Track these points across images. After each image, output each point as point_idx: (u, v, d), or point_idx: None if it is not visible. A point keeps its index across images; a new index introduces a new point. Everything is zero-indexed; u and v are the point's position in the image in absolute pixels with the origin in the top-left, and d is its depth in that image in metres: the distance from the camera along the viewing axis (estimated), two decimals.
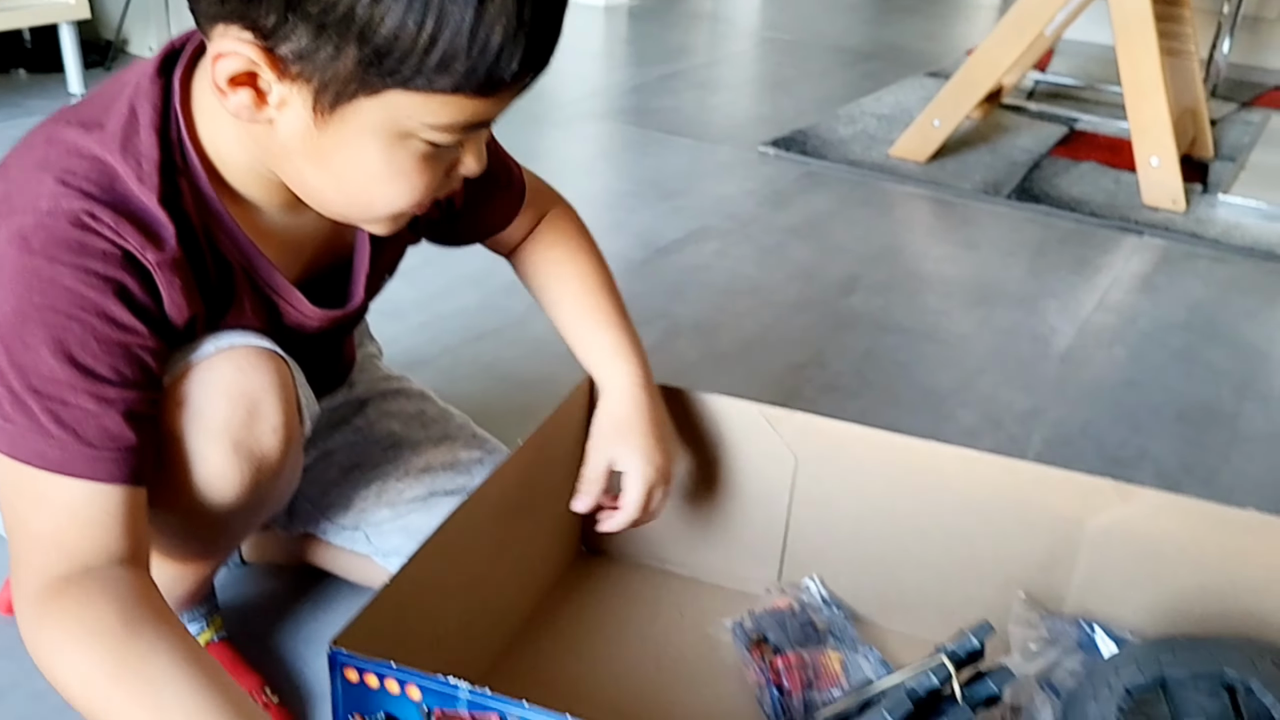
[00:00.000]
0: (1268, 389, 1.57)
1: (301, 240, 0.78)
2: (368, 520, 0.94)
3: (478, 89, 0.63)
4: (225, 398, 0.72)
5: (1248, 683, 0.79)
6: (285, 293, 0.77)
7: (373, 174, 0.67)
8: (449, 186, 0.72)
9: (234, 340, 0.74)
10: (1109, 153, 2.51)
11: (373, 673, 0.68)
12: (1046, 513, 0.97)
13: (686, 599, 1.06)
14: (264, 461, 0.75)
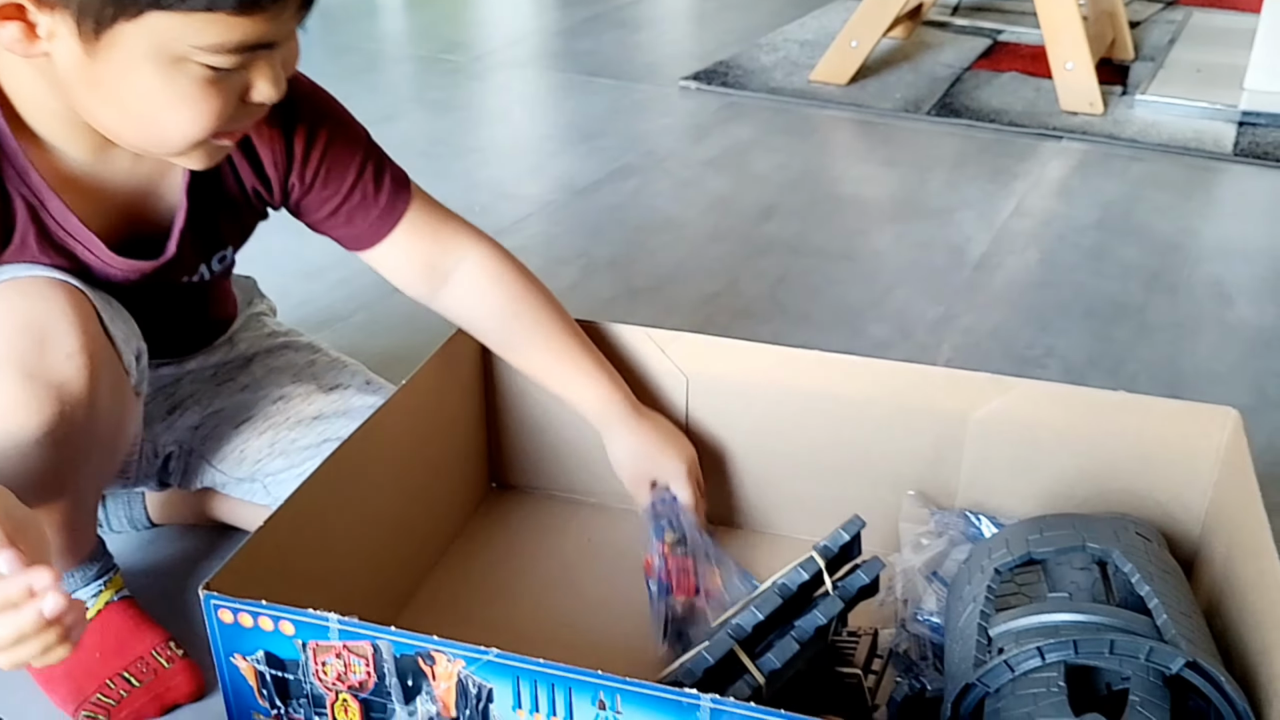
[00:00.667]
0: (1176, 280, 1.60)
1: (112, 190, 0.79)
2: (263, 471, 0.96)
3: (236, 7, 0.63)
4: (10, 327, 0.72)
5: (1110, 553, 0.82)
6: (82, 237, 0.78)
7: (155, 101, 0.68)
8: (249, 115, 0.73)
9: (20, 272, 0.75)
10: (1030, 62, 2.52)
11: (245, 612, 0.70)
12: (930, 411, 0.99)
13: (594, 525, 1.08)
14: (63, 389, 0.74)
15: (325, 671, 0.71)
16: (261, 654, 0.72)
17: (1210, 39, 2.70)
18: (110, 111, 0.70)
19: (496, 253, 0.98)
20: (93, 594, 0.90)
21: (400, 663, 0.69)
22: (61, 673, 0.88)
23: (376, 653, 0.69)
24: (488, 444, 1.11)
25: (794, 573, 0.80)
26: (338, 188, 0.89)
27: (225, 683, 0.73)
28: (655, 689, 0.65)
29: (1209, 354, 1.41)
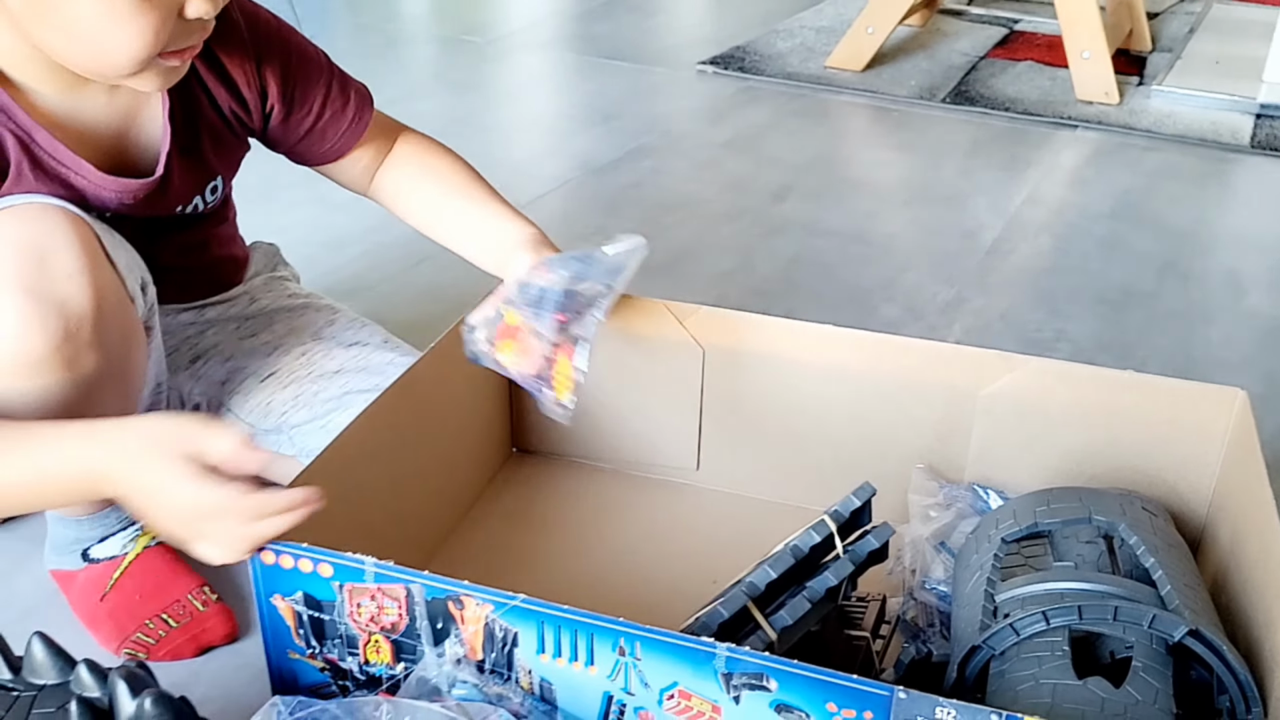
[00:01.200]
0: (1188, 268, 1.61)
1: (94, 124, 0.83)
2: (288, 423, 0.99)
3: None
4: (10, 249, 0.74)
5: (1116, 525, 0.84)
6: (71, 163, 0.81)
7: (95, 21, 0.72)
8: (191, 32, 0.76)
9: (18, 200, 0.78)
10: (1046, 51, 2.53)
11: (287, 554, 0.73)
12: (940, 386, 1.02)
13: (612, 490, 1.11)
14: (66, 306, 0.75)
15: (359, 613, 0.73)
16: (300, 595, 0.74)
17: (1230, 31, 2.70)
18: (58, 37, 0.75)
19: (421, 137, 1.05)
20: (130, 537, 0.93)
21: (431, 606, 0.71)
22: (105, 613, 0.92)
23: (409, 596, 0.72)
24: (510, 409, 1.14)
25: (806, 535, 0.82)
26: (310, 105, 0.96)
27: (264, 622, 0.76)
28: (673, 636, 0.68)
29: (1220, 342, 1.42)
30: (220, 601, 0.94)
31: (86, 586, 0.93)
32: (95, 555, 0.93)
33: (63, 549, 0.94)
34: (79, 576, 0.93)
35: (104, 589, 0.92)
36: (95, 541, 0.93)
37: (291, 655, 0.77)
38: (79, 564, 0.93)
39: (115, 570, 0.93)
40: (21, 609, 0.95)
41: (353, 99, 0.99)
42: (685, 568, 1.00)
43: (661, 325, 1.06)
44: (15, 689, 0.70)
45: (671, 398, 1.08)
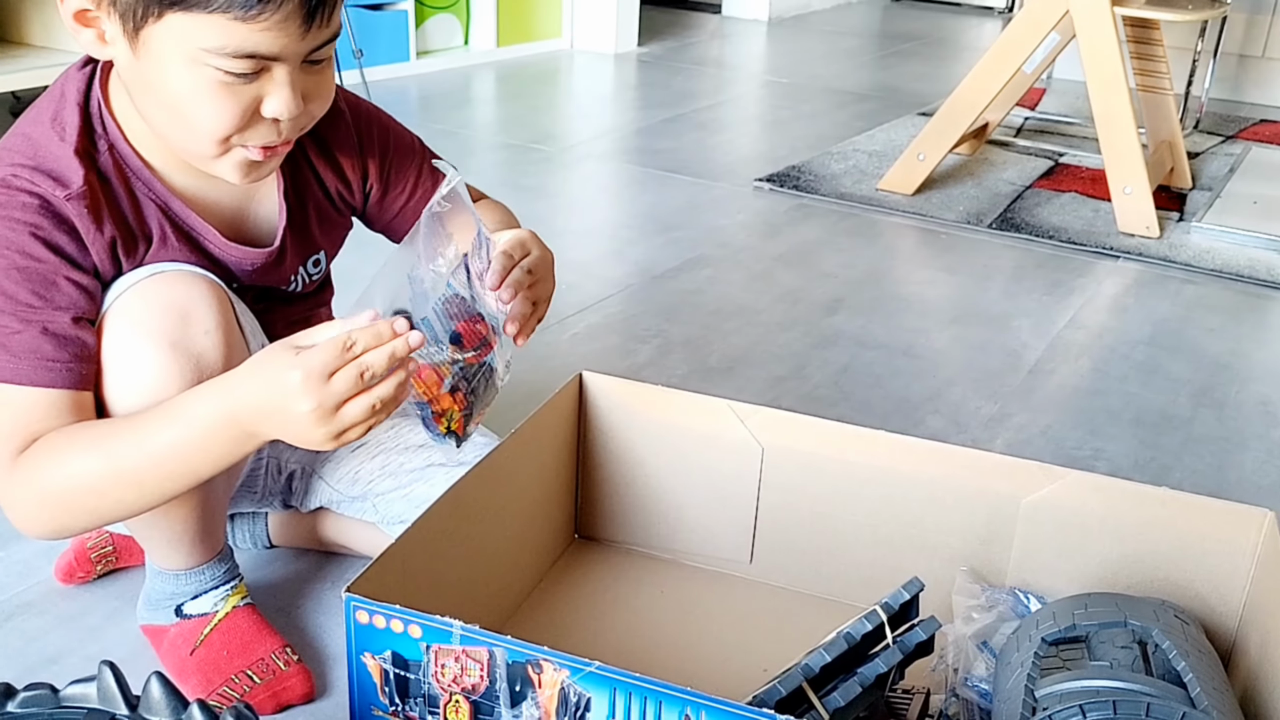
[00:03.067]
0: (1223, 397, 1.67)
1: (217, 202, 0.94)
2: (374, 491, 1.07)
3: (237, 11, 0.76)
4: (159, 307, 0.86)
5: (1150, 630, 0.90)
6: (201, 230, 0.92)
7: (181, 97, 0.81)
8: (269, 129, 0.85)
9: (167, 267, 0.89)
10: (1089, 184, 2.63)
11: (380, 614, 0.80)
12: (985, 493, 1.08)
13: (668, 579, 1.17)
14: (202, 360, 0.86)
15: (443, 673, 0.80)
16: (389, 654, 0.81)
17: (1267, 173, 2.80)
18: (154, 109, 0.85)
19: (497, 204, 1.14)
20: (222, 596, 1.00)
21: (511, 669, 0.78)
22: (194, 666, 0.98)
23: (491, 658, 0.78)
24: (576, 497, 1.21)
25: (859, 623, 0.88)
26: (404, 184, 1.05)
27: (353, 678, 0.83)
28: (737, 708, 0.74)
29: (1253, 468, 1.48)
30: (301, 662, 1.00)
31: (178, 640, 1.00)
32: (189, 611, 1.00)
33: (157, 604, 1.01)
34: (171, 630, 1.00)
35: (194, 643, 0.99)
36: (190, 598, 1.00)
37: (375, 712, 0.83)
38: (172, 619, 1.00)
39: (206, 626, 1.00)
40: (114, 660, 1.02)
41: (425, 179, 1.07)
42: (736, 657, 1.06)
43: (724, 423, 1.14)
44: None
45: (729, 493, 1.15)
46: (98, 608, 1.08)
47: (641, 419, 1.16)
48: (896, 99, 3.49)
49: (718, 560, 1.18)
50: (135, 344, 0.85)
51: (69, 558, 1.10)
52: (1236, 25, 3.55)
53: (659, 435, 1.16)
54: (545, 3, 3.86)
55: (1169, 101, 2.66)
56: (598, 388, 1.16)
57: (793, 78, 3.79)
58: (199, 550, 0.98)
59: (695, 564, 1.19)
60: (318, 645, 1.06)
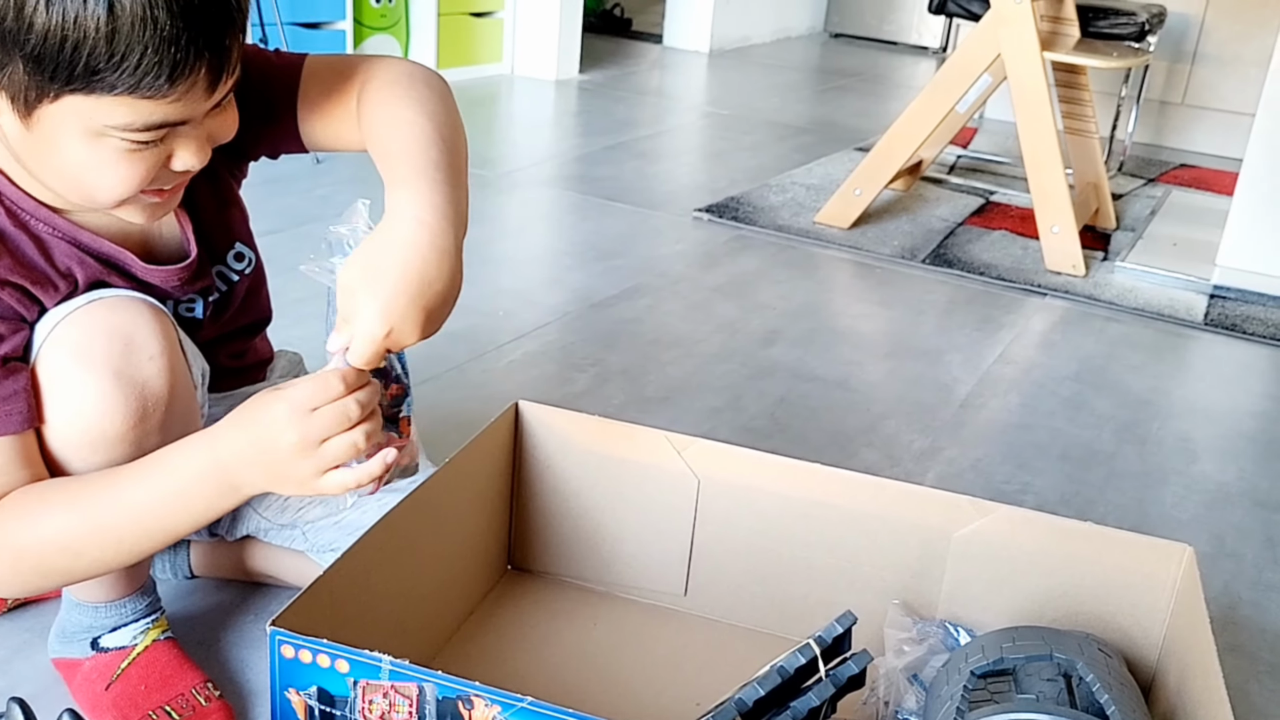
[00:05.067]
0: (1145, 433, 1.72)
1: (120, 228, 0.89)
2: (304, 519, 1.05)
3: (137, 91, 0.72)
4: (100, 333, 0.82)
5: (1074, 663, 0.92)
6: (119, 256, 0.88)
7: (84, 168, 0.78)
8: (175, 178, 0.82)
9: (106, 292, 0.86)
10: (1019, 222, 2.70)
11: (306, 649, 0.79)
12: (916, 527, 1.09)
13: (602, 611, 1.17)
14: (147, 388, 0.83)
15: (371, 710, 0.79)
16: (314, 689, 0.80)
17: (1187, 216, 2.89)
18: (51, 176, 0.81)
19: (401, 64, 0.92)
20: (142, 630, 0.98)
21: (441, 705, 0.77)
22: (109, 701, 0.95)
23: (421, 694, 0.77)
24: (510, 528, 1.20)
25: (792, 657, 0.88)
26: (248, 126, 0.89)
27: (275, 716, 0.81)
28: None
29: (1173, 503, 1.52)
30: (222, 698, 0.98)
31: (92, 674, 0.97)
32: (105, 644, 0.97)
33: (71, 637, 0.98)
34: (85, 665, 0.97)
35: (110, 678, 0.96)
36: (107, 630, 0.97)
37: None
38: (87, 652, 0.97)
39: (124, 660, 0.97)
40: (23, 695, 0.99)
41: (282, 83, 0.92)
42: (670, 690, 1.06)
43: (660, 455, 1.14)
44: None
45: (665, 525, 1.15)
46: (5, 641, 1.05)
47: (578, 449, 1.15)
48: (834, 133, 3.55)
49: (652, 592, 1.18)
50: (76, 374, 0.82)
51: None
52: (1158, 73, 3.68)
53: (595, 466, 1.16)
54: (486, 27, 3.87)
55: (1095, 144, 2.74)
56: (534, 417, 1.16)
57: (733, 109, 3.84)
58: (121, 584, 0.96)
59: (630, 596, 1.19)
60: (240, 680, 1.03)
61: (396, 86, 0.88)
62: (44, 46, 0.71)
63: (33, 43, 0.71)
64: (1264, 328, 2.19)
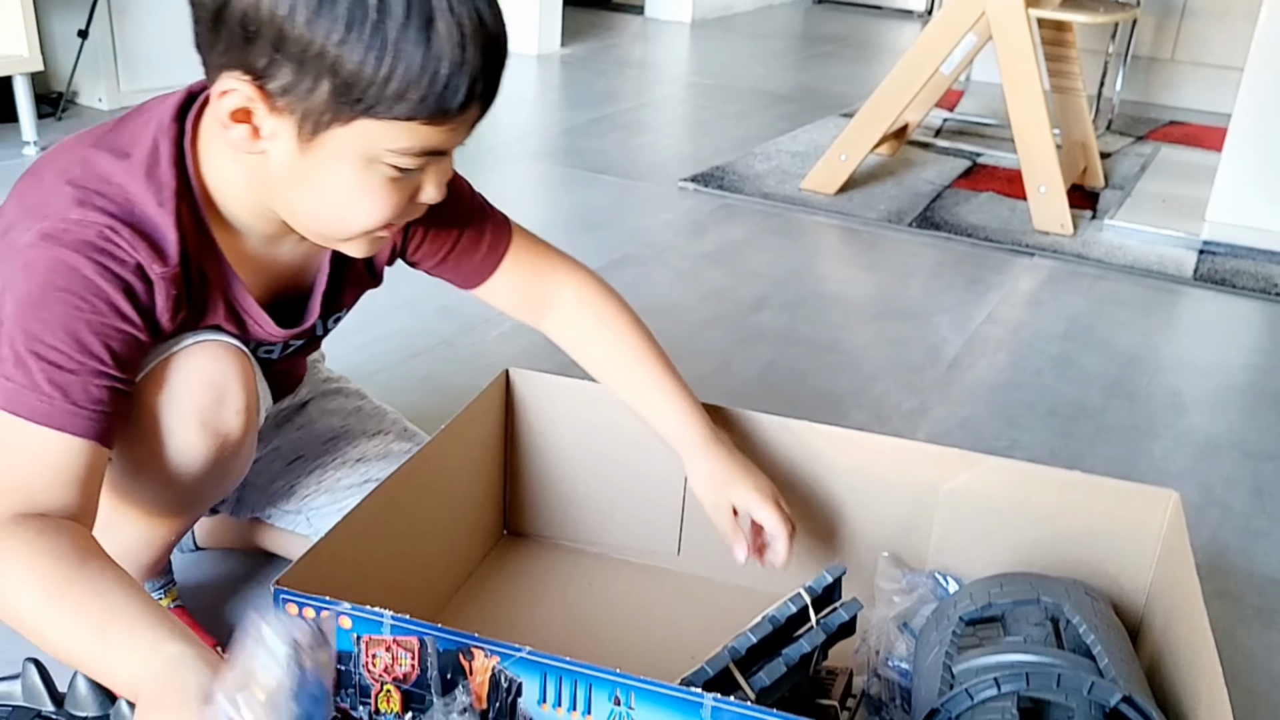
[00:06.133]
0: (1134, 388, 1.73)
1: (275, 265, 0.91)
2: (309, 505, 1.06)
3: (430, 117, 0.74)
4: (199, 383, 0.85)
5: (1061, 607, 0.93)
6: (255, 314, 0.90)
7: (347, 194, 0.79)
8: (414, 212, 0.84)
9: (207, 336, 0.87)
10: (1006, 183, 2.70)
11: (310, 606, 0.80)
12: (905, 480, 1.11)
13: (597, 572, 1.18)
14: (227, 439, 0.87)
15: (374, 663, 0.80)
16: None
17: (1176, 173, 2.90)
18: (306, 201, 0.81)
19: (593, 284, 1.09)
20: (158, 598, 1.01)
21: (443, 657, 0.78)
22: None
23: (423, 647, 0.78)
24: (504, 494, 1.21)
25: (784, 606, 0.90)
26: (445, 238, 1.01)
27: None
28: (665, 687, 0.75)
29: (1161, 455, 1.53)
30: None
31: None
32: None
33: None
34: None
35: None
36: None
37: None
38: None
39: None
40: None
41: (489, 230, 1.03)
42: (665, 645, 1.07)
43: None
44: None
45: (657, 486, 1.16)
46: None
47: (568, 414, 1.16)
48: (819, 100, 3.55)
49: (646, 553, 1.19)
50: (168, 415, 0.85)
51: None
52: (1146, 29, 3.68)
53: (586, 430, 1.17)
54: None
55: (1082, 102, 2.74)
56: (525, 384, 1.17)
57: (716, 79, 3.83)
58: (148, 572, 0.99)
59: (624, 557, 1.20)
60: None
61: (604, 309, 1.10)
62: (360, 73, 0.72)
63: (348, 68, 0.72)
64: (1254, 281, 2.20)
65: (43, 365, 0.75)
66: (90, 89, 2.81)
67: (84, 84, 2.81)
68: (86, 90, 2.82)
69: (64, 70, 2.77)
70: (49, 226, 0.77)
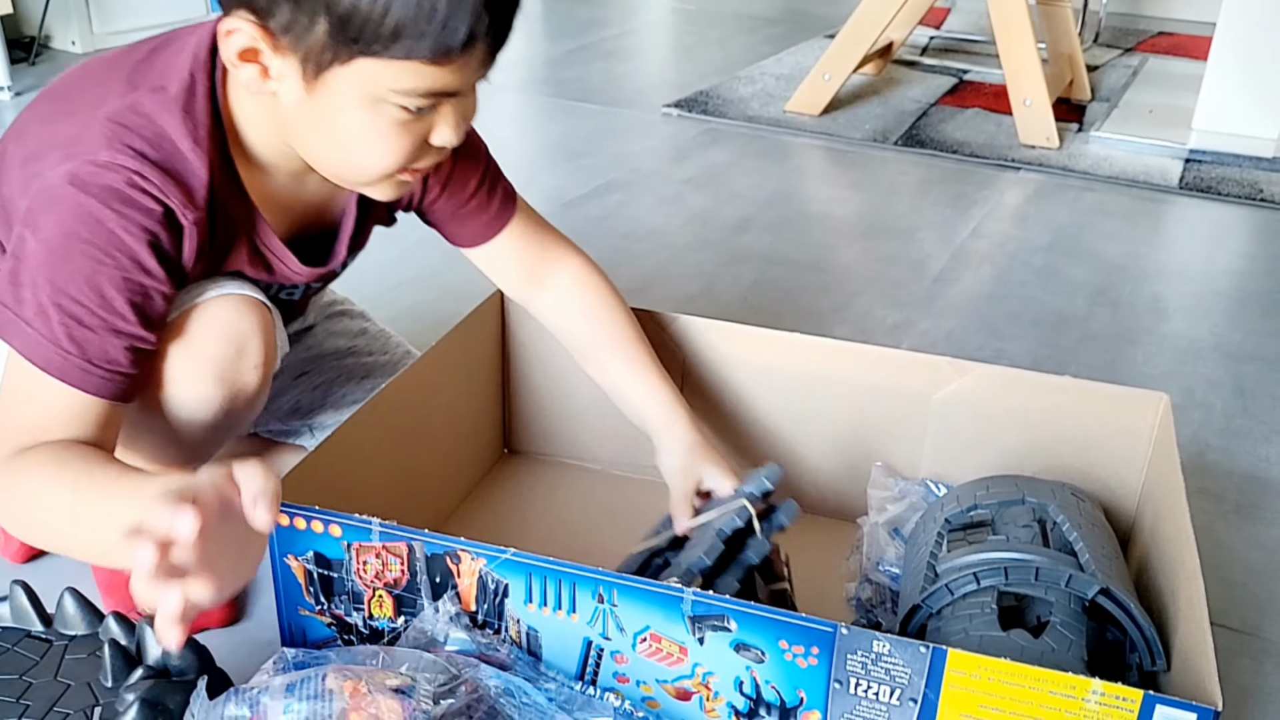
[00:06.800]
0: (1118, 296, 1.74)
1: (300, 205, 0.91)
2: (314, 421, 1.08)
3: (431, 56, 0.73)
4: (219, 336, 0.85)
5: (1046, 507, 0.94)
6: (281, 254, 0.90)
7: (357, 136, 0.78)
8: (432, 156, 0.83)
9: (230, 288, 0.87)
10: (992, 99, 2.68)
11: (300, 516, 0.81)
12: (896, 389, 1.11)
13: (596, 487, 1.19)
14: (242, 392, 0.88)
15: (365, 570, 0.81)
16: (311, 554, 0.82)
17: (1164, 83, 2.88)
18: (319, 143, 0.81)
19: (589, 268, 1.09)
20: None
21: (430, 562, 0.80)
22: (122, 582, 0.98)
23: (411, 552, 0.80)
24: (504, 412, 1.22)
25: (730, 520, 0.89)
26: (461, 195, 1.01)
27: (278, 581, 0.84)
28: (646, 583, 0.76)
29: (1144, 360, 1.54)
30: None
31: None
32: None
33: None
34: None
35: None
36: None
37: (302, 612, 0.85)
38: None
39: None
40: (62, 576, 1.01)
41: (499, 195, 1.04)
42: None
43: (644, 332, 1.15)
44: (48, 639, 0.77)
45: None
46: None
47: None
48: (803, 22, 3.50)
49: (644, 467, 1.20)
50: (186, 367, 0.85)
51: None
52: None
53: None
54: None
55: (1067, 15, 2.71)
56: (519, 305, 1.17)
57: (699, 4, 3.77)
58: None
59: (622, 472, 1.21)
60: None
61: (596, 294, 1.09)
62: (355, 10, 0.71)
63: (344, 5, 0.71)
64: (1239, 188, 2.20)
65: (64, 318, 0.76)
66: (63, 32, 2.76)
67: (56, 28, 2.76)
68: (59, 34, 2.77)
69: (34, 15, 2.73)
70: (77, 168, 0.77)
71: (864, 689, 0.76)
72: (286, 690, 0.68)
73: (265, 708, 0.67)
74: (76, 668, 0.75)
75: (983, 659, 0.74)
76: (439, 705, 0.71)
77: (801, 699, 0.78)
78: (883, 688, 0.76)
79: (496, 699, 0.75)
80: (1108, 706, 0.72)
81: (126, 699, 0.70)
